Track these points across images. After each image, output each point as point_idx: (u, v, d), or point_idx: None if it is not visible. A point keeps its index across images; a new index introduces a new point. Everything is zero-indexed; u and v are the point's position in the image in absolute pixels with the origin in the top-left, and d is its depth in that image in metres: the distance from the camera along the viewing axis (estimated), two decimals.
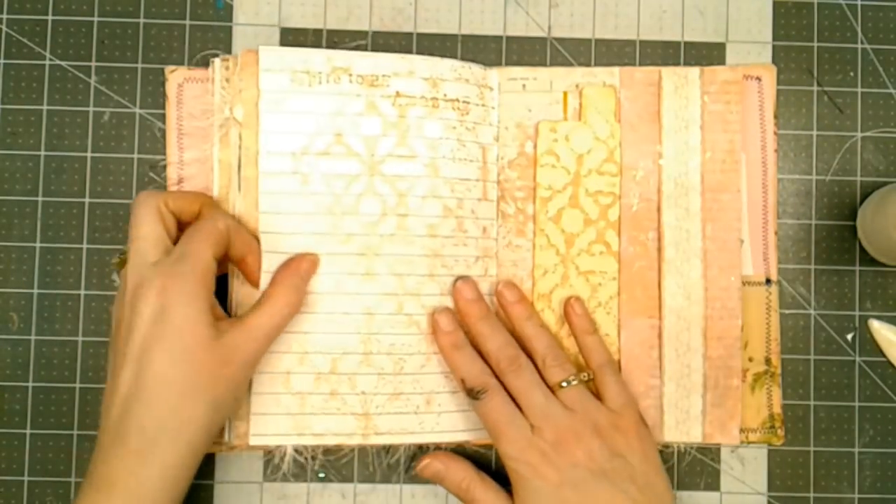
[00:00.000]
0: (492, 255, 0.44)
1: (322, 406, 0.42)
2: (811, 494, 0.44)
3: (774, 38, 0.46)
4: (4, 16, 0.46)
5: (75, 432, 0.44)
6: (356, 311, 0.42)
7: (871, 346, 0.46)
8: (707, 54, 0.46)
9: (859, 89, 0.46)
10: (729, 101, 0.44)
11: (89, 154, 0.45)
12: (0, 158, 0.45)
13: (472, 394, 0.40)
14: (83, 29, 0.45)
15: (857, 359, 0.46)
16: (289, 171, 0.42)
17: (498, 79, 0.45)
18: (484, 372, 0.41)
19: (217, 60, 0.43)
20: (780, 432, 0.44)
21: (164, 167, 0.45)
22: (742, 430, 0.44)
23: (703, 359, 0.44)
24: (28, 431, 0.44)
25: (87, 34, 0.45)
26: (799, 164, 0.46)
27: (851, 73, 0.46)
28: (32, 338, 0.45)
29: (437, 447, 0.44)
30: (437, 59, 0.44)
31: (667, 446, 0.45)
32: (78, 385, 0.44)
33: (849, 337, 0.46)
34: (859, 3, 0.46)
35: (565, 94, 0.45)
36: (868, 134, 0.46)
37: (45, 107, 0.45)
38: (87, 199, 0.45)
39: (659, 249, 0.44)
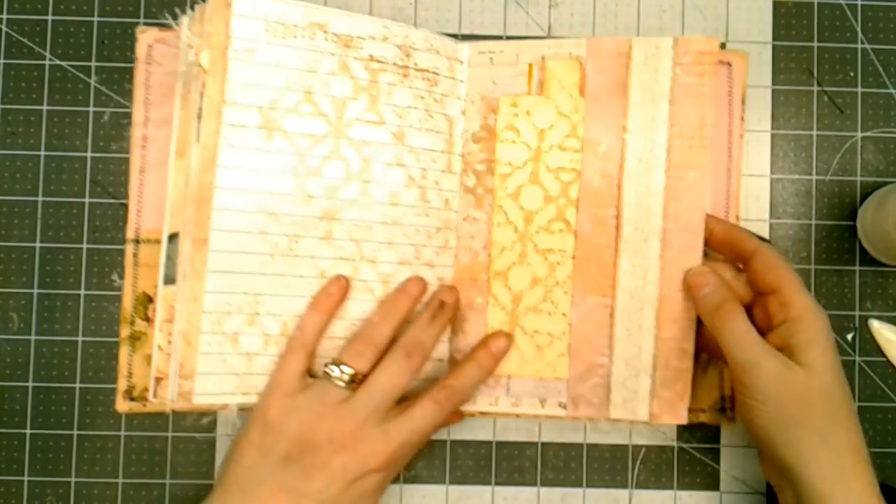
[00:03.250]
0: (452, 228, 0.44)
1: (270, 367, 0.41)
2: None
3: (774, 38, 0.46)
4: (4, 16, 0.45)
5: (75, 432, 0.44)
6: (311, 274, 0.42)
7: (871, 346, 0.46)
8: None
9: (859, 89, 0.46)
10: (703, 73, 0.42)
11: (89, 154, 0.45)
12: (0, 158, 0.45)
13: None
14: (83, 29, 0.45)
15: (857, 359, 0.46)
16: (254, 126, 0.40)
17: (468, 52, 0.45)
18: None
19: (186, 18, 0.41)
20: (731, 413, 0.45)
21: (130, 127, 0.45)
22: (692, 410, 0.43)
23: (655, 339, 0.42)
24: (28, 431, 0.44)
25: (87, 34, 0.45)
26: (799, 164, 0.46)
27: (851, 73, 0.46)
28: (32, 338, 0.45)
29: None
30: (411, 28, 0.43)
31: (668, 447, 0.45)
32: (78, 385, 0.44)
33: (849, 337, 0.46)
34: (859, 3, 0.46)
35: (530, 66, 0.44)
36: (868, 134, 0.46)
37: (45, 107, 0.45)
38: (86, 199, 0.45)
39: (617, 227, 0.43)
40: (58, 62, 0.45)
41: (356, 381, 0.39)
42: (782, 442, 0.36)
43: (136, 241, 0.44)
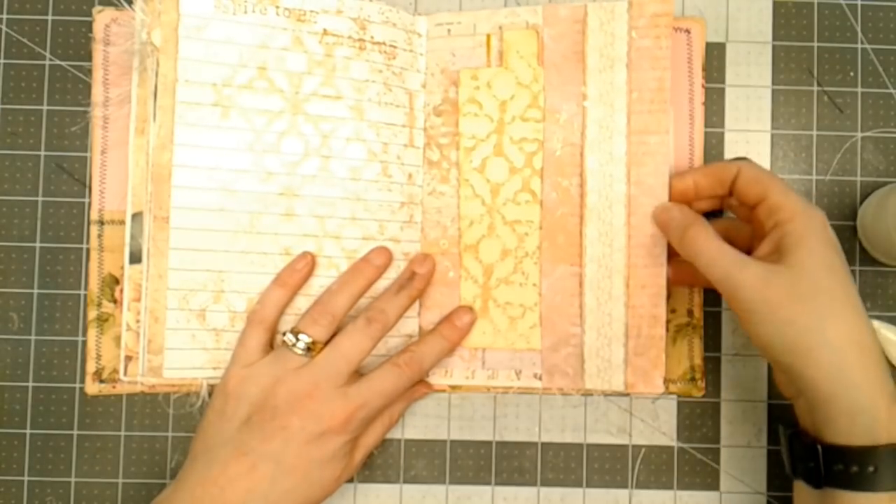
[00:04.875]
0: (417, 202, 0.45)
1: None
2: None
3: (774, 38, 0.46)
4: (4, 16, 0.45)
5: (75, 432, 0.44)
6: (274, 251, 0.42)
7: None
8: (707, 54, 0.46)
9: (859, 89, 0.46)
10: (658, 36, 0.41)
11: (89, 154, 0.45)
12: (0, 158, 0.45)
13: None
14: (83, 29, 0.45)
15: None
16: (208, 103, 0.41)
17: (427, 25, 0.45)
18: None
19: None
20: (701, 384, 0.45)
21: (89, 110, 0.45)
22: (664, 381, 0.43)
23: (625, 307, 0.42)
24: (28, 431, 0.44)
25: (86, 34, 0.45)
26: (799, 164, 0.46)
27: (851, 73, 0.46)
28: (32, 338, 0.45)
29: None
30: (365, 1, 0.43)
31: (668, 447, 0.45)
32: (77, 385, 0.44)
33: None
34: (859, 3, 0.46)
35: (488, 36, 0.44)
36: (868, 134, 0.46)
37: (45, 107, 0.45)
38: (86, 199, 0.45)
39: (581, 196, 0.43)
40: (58, 62, 0.45)
41: (313, 350, 0.40)
42: (780, 346, 0.34)
43: (101, 223, 0.44)
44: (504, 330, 0.44)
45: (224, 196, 0.41)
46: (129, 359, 0.43)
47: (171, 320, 0.41)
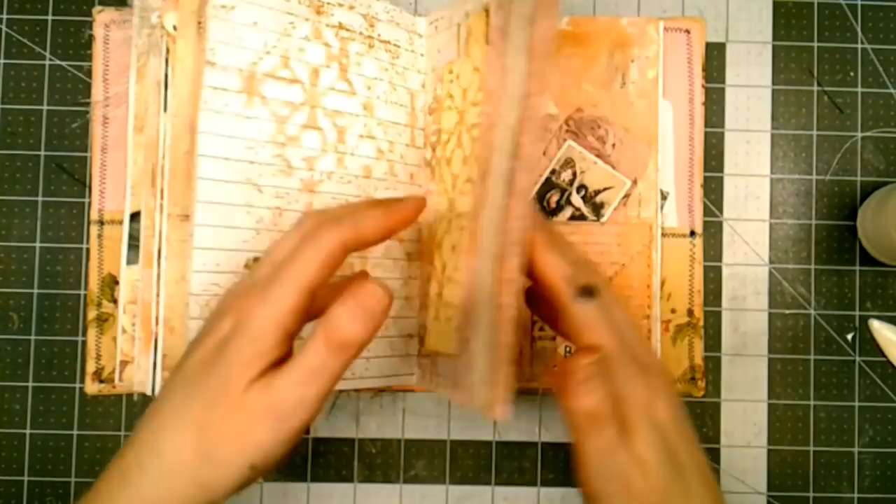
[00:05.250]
0: None
1: None
2: (811, 494, 0.45)
3: (774, 38, 0.46)
4: (4, 16, 0.45)
5: (75, 432, 0.44)
6: None
7: (871, 346, 0.46)
8: (707, 54, 0.46)
9: (859, 89, 0.46)
10: None
11: (89, 154, 0.45)
12: (0, 158, 0.45)
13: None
14: (83, 29, 0.45)
15: (857, 359, 0.46)
16: (234, 90, 0.38)
17: (426, 26, 0.44)
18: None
19: None
20: (701, 384, 0.44)
21: (89, 109, 0.45)
22: None
23: (493, 307, 0.33)
24: (28, 431, 0.44)
25: (87, 34, 0.45)
26: (799, 164, 0.46)
27: (851, 73, 0.46)
28: (32, 338, 0.45)
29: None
30: None
31: None
32: (77, 385, 0.44)
33: (849, 337, 0.46)
34: (859, 3, 0.46)
35: (458, 26, 0.43)
36: (868, 134, 0.46)
37: (45, 107, 0.45)
38: (86, 199, 0.45)
39: (483, 179, 0.36)
40: (58, 62, 0.45)
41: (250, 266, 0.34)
42: None
43: (101, 223, 0.44)
44: (442, 333, 0.40)
45: (249, 191, 0.39)
46: (124, 363, 0.42)
47: (193, 332, 0.36)
